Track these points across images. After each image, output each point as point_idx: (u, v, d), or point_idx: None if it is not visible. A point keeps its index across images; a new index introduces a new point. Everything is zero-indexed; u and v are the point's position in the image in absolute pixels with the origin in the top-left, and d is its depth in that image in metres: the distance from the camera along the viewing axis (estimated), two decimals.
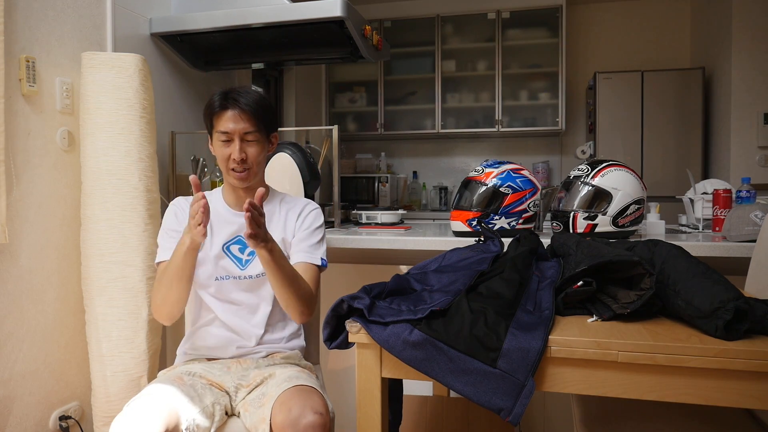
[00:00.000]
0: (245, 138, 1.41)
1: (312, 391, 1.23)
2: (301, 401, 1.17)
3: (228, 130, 1.41)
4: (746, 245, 1.57)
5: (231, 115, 1.40)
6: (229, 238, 1.46)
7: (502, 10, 4.15)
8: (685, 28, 4.24)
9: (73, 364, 1.83)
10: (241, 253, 1.45)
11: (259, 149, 1.44)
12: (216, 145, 1.44)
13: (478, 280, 1.09)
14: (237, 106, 1.41)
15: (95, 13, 1.94)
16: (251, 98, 1.43)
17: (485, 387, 0.88)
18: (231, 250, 1.45)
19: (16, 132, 1.64)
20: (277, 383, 1.28)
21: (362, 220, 2.26)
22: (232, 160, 1.41)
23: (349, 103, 4.53)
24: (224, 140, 1.41)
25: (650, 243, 1.15)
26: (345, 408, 2.07)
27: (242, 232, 1.41)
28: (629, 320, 0.99)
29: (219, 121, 1.42)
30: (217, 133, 1.42)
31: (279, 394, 1.22)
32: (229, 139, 1.41)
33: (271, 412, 1.19)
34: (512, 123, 4.21)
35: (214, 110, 1.43)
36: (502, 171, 1.76)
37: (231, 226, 1.47)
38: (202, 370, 1.36)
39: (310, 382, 1.29)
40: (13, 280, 1.64)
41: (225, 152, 1.42)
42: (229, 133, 1.41)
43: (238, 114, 1.40)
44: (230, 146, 1.41)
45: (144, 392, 1.23)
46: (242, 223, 1.41)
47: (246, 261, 1.45)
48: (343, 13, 2.02)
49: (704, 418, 1.21)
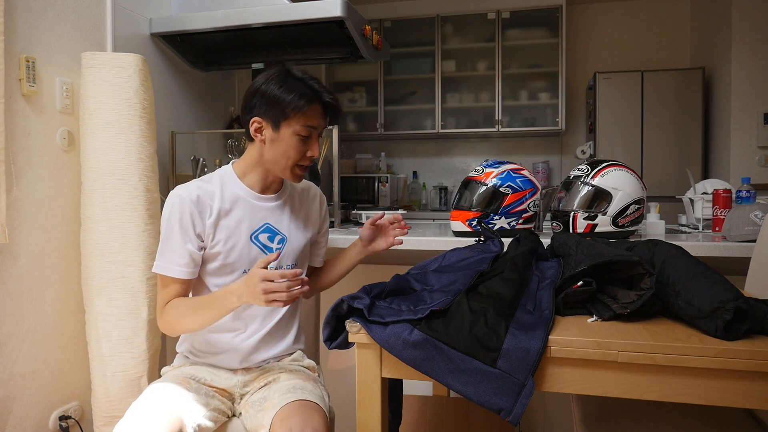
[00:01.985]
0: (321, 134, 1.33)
1: (314, 408, 1.20)
2: (302, 420, 1.14)
3: (317, 126, 1.29)
4: (746, 245, 1.57)
5: (321, 109, 1.29)
6: (257, 227, 1.34)
7: (502, 10, 4.15)
8: (685, 28, 4.24)
9: (73, 364, 1.83)
10: (271, 242, 1.35)
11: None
12: (287, 138, 1.27)
13: (478, 280, 1.09)
14: (330, 103, 1.30)
15: (95, 13, 1.94)
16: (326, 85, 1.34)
17: (485, 387, 0.88)
18: (260, 239, 1.34)
19: (16, 132, 1.64)
20: (280, 391, 1.25)
21: (362, 220, 2.27)
22: (307, 158, 1.30)
23: (349, 103, 4.53)
24: (305, 135, 1.28)
25: (650, 243, 1.15)
26: (345, 408, 2.07)
27: (269, 219, 1.36)
28: (629, 320, 0.99)
29: (309, 114, 1.27)
30: (301, 127, 1.27)
31: (281, 407, 1.19)
32: (309, 135, 1.29)
33: (271, 425, 1.17)
34: (512, 123, 4.21)
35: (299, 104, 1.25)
36: (502, 171, 1.76)
37: (257, 212, 1.34)
38: (207, 376, 1.33)
39: (313, 395, 1.25)
40: (13, 280, 1.64)
41: (301, 148, 1.29)
42: (317, 129, 1.30)
43: (324, 110, 1.30)
44: (307, 143, 1.29)
45: (148, 395, 1.20)
46: (269, 207, 1.36)
47: (277, 250, 1.36)
48: (343, 13, 2.02)
49: (704, 418, 1.21)
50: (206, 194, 1.30)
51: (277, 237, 1.36)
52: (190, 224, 1.27)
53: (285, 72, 1.29)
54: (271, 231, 1.35)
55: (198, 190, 1.29)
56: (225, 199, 1.31)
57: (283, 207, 1.39)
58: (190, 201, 1.27)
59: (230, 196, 1.32)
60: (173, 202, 1.27)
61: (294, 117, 1.26)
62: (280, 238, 1.36)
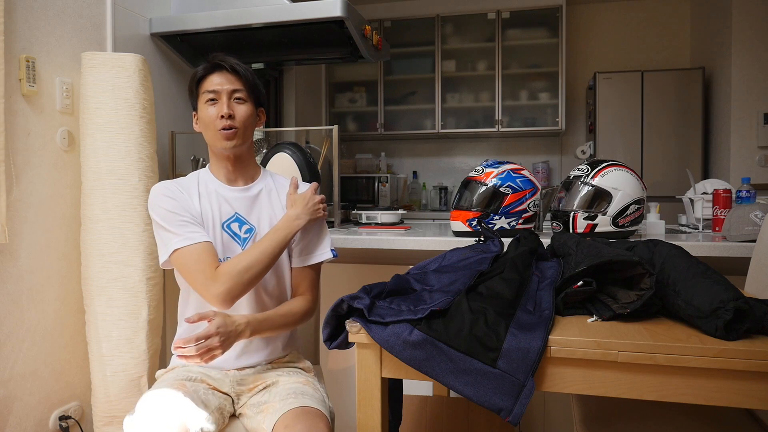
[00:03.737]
0: (234, 96, 1.36)
1: (318, 415, 1.19)
2: (307, 428, 1.14)
3: (215, 88, 1.34)
4: (746, 245, 1.57)
5: (219, 75, 1.36)
6: (228, 216, 1.40)
7: (502, 10, 4.15)
8: (685, 28, 4.24)
9: (73, 364, 1.83)
10: (239, 230, 1.40)
11: (249, 111, 1.37)
12: (202, 109, 1.36)
13: (478, 280, 1.09)
14: (224, 67, 1.36)
15: (95, 13, 1.94)
16: (239, 62, 1.39)
17: (485, 387, 0.88)
18: (231, 228, 1.40)
19: (16, 132, 1.64)
20: (280, 396, 1.25)
21: (362, 220, 2.26)
22: (220, 118, 1.33)
23: (349, 103, 4.53)
24: (210, 99, 1.35)
25: (650, 243, 1.15)
26: (345, 408, 2.07)
27: (239, 209, 1.40)
28: (629, 320, 0.99)
29: (204, 83, 1.36)
30: (204, 93, 1.35)
31: (283, 413, 1.18)
32: (216, 98, 1.35)
33: (273, 430, 1.17)
34: (512, 123, 4.21)
35: (199, 74, 1.37)
36: (502, 171, 1.76)
37: (227, 202, 1.40)
38: (200, 374, 1.33)
39: (315, 400, 1.25)
40: (13, 280, 1.64)
41: (212, 112, 1.34)
42: (217, 92, 1.35)
43: (225, 73, 1.36)
44: (217, 105, 1.35)
45: (149, 401, 1.18)
46: (238, 198, 1.41)
47: (244, 239, 1.40)
48: (343, 13, 2.02)
49: (704, 418, 1.21)
50: (183, 188, 1.40)
51: (245, 226, 1.41)
52: (174, 202, 1.34)
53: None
54: (239, 221, 1.41)
55: (176, 184, 1.40)
56: (201, 192, 1.40)
57: (254, 198, 1.43)
58: (166, 188, 1.37)
59: (204, 189, 1.41)
60: (157, 192, 1.36)
61: (199, 90, 1.37)
62: (247, 228, 1.41)
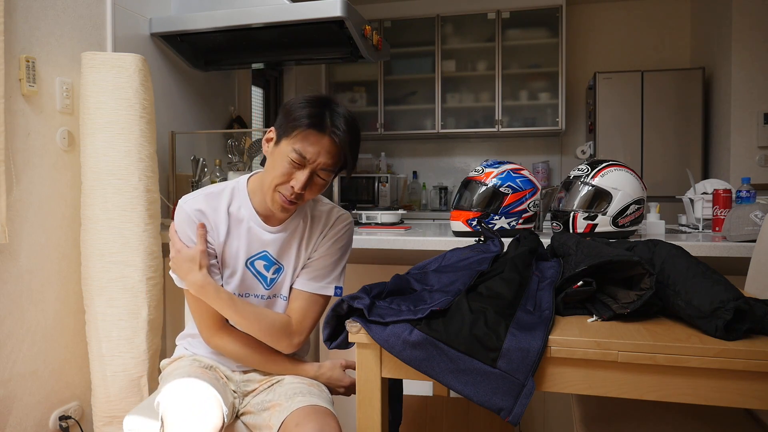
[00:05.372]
0: (318, 173, 1.20)
1: (328, 414, 1.19)
2: (319, 426, 1.13)
3: (308, 157, 1.17)
4: (746, 245, 1.57)
5: (320, 140, 1.17)
6: (254, 252, 1.30)
7: (502, 10, 4.15)
8: (685, 28, 4.24)
9: (73, 364, 1.83)
10: (267, 271, 1.31)
11: (323, 185, 1.23)
12: (280, 158, 1.19)
13: (478, 280, 1.09)
14: (334, 137, 1.18)
15: (95, 13, 1.94)
16: (350, 129, 1.19)
17: (485, 387, 0.88)
18: (255, 266, 1.30)
19: (16, 132, 1.64)
20: (287, 395, 1.24)
21: (362, 220, 2.26)
22: (290, 188, 1.19)
23: (349, 103, 4.53)
24: (296, 162, 1.18)
25: (650, 243, 1.15)
26: (345, 408, 2.07)
27: (269, 247, 1.30)
28: (629, 320, 0.99)
29: (304, 140, 1.17)
30: (293, 150, 1.17)
31: (291, 411, 1.18)
32: (301, 164, 1.18)
33: (282, 428, 1.16)
34: (512, 123, 4.21)
35: (302, 123, 1.16)
36: (502, 171, 1.76)
37: (259, 240, 1.29)
38: (212, 363, 1.34)
39: (323, 399, 1.24)
40: (13, 280, 1.64)
41: (288, 174, 1.18)
42: (308, 161, 1.18)
43: (328, 146, 1.18)
44: (298, 172, 1.18)
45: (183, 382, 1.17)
46: (272, 239, 1.30)
47: (272, 279, 1.31)
48: (343, 13, 2.02)
49: (704, 418, 1.21)
50: (211, 210, 1.27)
51: (274, 266, 1.31)
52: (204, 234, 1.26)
53: (321, 96, 1.21)
54: (267, 260, 1.30)
55: (204, 204, 1.27)
56: (231, 216, 1.28)
57: (289, 237, 1.31)
58: (196, 217, 1.25)
59: (235, 214, 1.28)
60: (181, 219, 1.26)
61: (294, 135, 1.17)
62: (276, 268, 1.31)
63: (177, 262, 1.24)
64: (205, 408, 1.12)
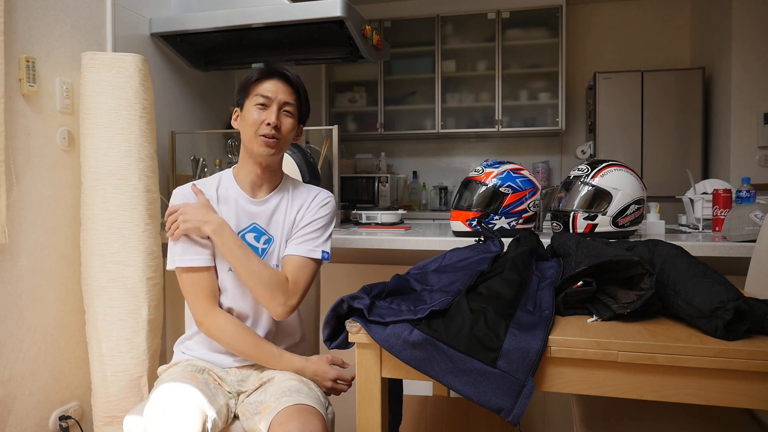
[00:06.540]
0: (284, 108, 1.37)
1: (311, 412, 1.19)
2: (300, 425, 1.14)
3: (269, 95, 1.35)
4: (746, 245, 1.57)
5: (275, 82, 1.37)
6: (244, 226, 1.39)
7: (502, 10, 4.15)
8: (685, 28, 4.24)
9: (73, 364, 1.83)
10: (257, 242, 1.39)
11: (293, 126, 1.39)
12: (248, 110, 1.36)
13: (478, 280, 1.09)
14: (284, 76, 1.37)
15: (95, 13, 1.94)
16: (298, 75, 1.40)
17: (485, 387, 0.88)
18: (246, 238, 1.39)
19: (16, 132, 1.64)
20: (276, 395, 1.25)
21: (362, 220, 2.26)
22: (265, 125, 1.34)
23: (349, 103, 4.53)
24: (261, 104, 1.35)
25: (650, 243, 1.15)
26: (345, 408, 2.07)
27: (257, 219, 1.40)
28: (629, 320, 0.99)
29: (259, 86, 1.36)
30: (255, 96, 1.36)
31: (278, 412, 1.18)
32: (266, 104, 1.35)
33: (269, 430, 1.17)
34: (512, 123, 4.21)
35: (253, 77, 1.37)
36: (502, 171, 1.76)
37: (247, 213, 1.40)
38: (206, 365, 1.36)
39: (310, 398, 1.24)
40: (13, 280, 1.64)
41: (259, 116, 1.35)
42: (270, 98, 1.35)
43: (283, 83, 1.37)
44: (266, 111, 1.35)
45: (167, 391, 1.19)
46: (259, 210, 1.40)
47: (263, 250, 1.39)
48: (343, 13, 2.02)
49: (704, 418, 1.21)
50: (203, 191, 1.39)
51: (263, 237, 1.40)
52: None
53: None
54: (257, 231, 1.40)
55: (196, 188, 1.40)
56: (220, 196, 1.40)
57: (275, 208, 1.42)
58: (190, 195, 1.38)
59: (223, 195, 1.41)
60: (177, 199, 1.39)
61: (251, 91, 1.37)
62: (266, 238, 1.41)
63: (191, 212, 1.32)
64: (183, 419, 1.12)
